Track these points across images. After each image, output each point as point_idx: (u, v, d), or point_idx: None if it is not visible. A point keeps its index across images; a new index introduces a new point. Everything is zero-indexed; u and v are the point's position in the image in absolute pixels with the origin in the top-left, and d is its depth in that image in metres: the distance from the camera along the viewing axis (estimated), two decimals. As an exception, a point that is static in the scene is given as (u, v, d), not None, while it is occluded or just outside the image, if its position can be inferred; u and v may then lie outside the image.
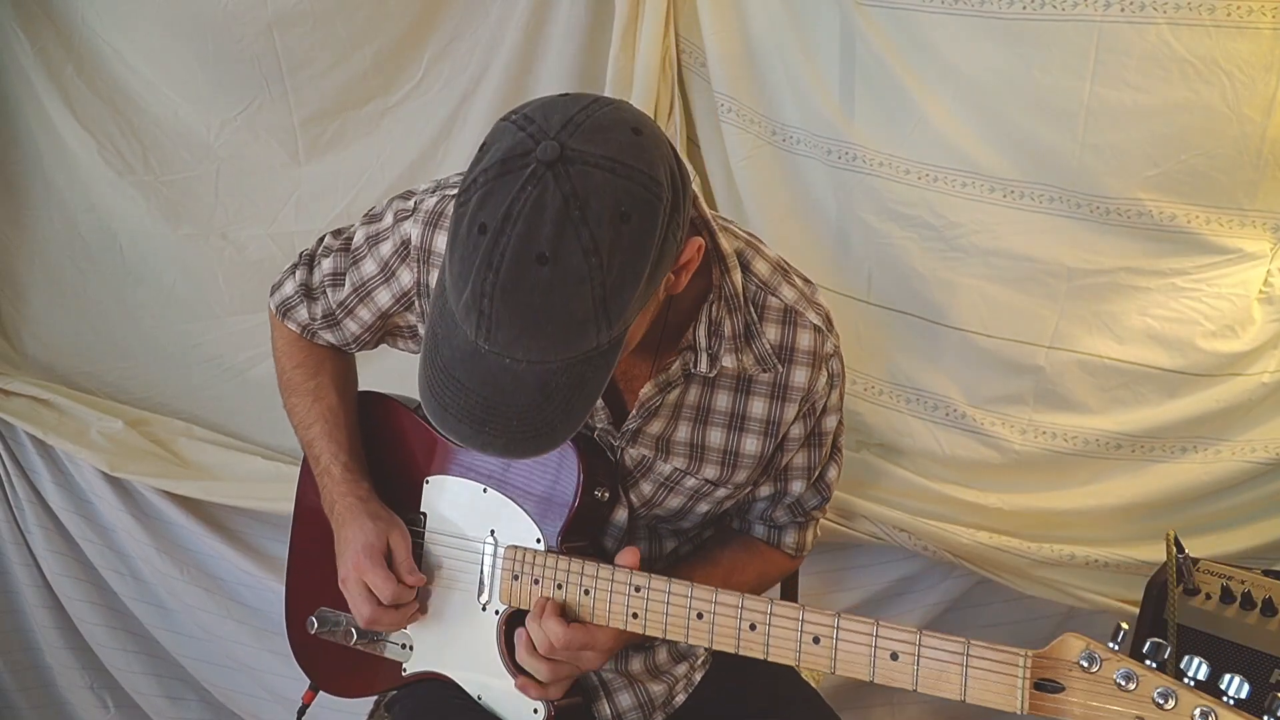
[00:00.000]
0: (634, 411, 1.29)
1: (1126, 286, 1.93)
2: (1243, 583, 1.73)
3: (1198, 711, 0.98)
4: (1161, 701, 1.00)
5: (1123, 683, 1.02)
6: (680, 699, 1.48)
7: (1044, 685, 1.05)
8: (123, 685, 2.42)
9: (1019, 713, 1.05)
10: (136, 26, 2.10)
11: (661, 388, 1.28)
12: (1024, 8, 1.79)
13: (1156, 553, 1.80)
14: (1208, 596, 1.72)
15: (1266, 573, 1.77)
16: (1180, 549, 1.74)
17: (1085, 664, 1.03)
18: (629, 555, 1.25)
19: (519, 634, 1.29)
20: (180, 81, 2.14)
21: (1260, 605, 1.69)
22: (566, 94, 1.07)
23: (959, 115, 1.90)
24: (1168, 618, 1.71)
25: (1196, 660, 1.00)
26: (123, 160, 2.18)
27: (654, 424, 1.31)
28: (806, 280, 1.36)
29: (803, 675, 1.58)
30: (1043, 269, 1.94)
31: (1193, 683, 1.00)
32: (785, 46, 1.98)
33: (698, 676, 1.50)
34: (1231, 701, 0.98)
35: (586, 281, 0.97)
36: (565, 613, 1.27)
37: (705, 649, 1.51)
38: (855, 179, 1.98)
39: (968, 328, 1.99)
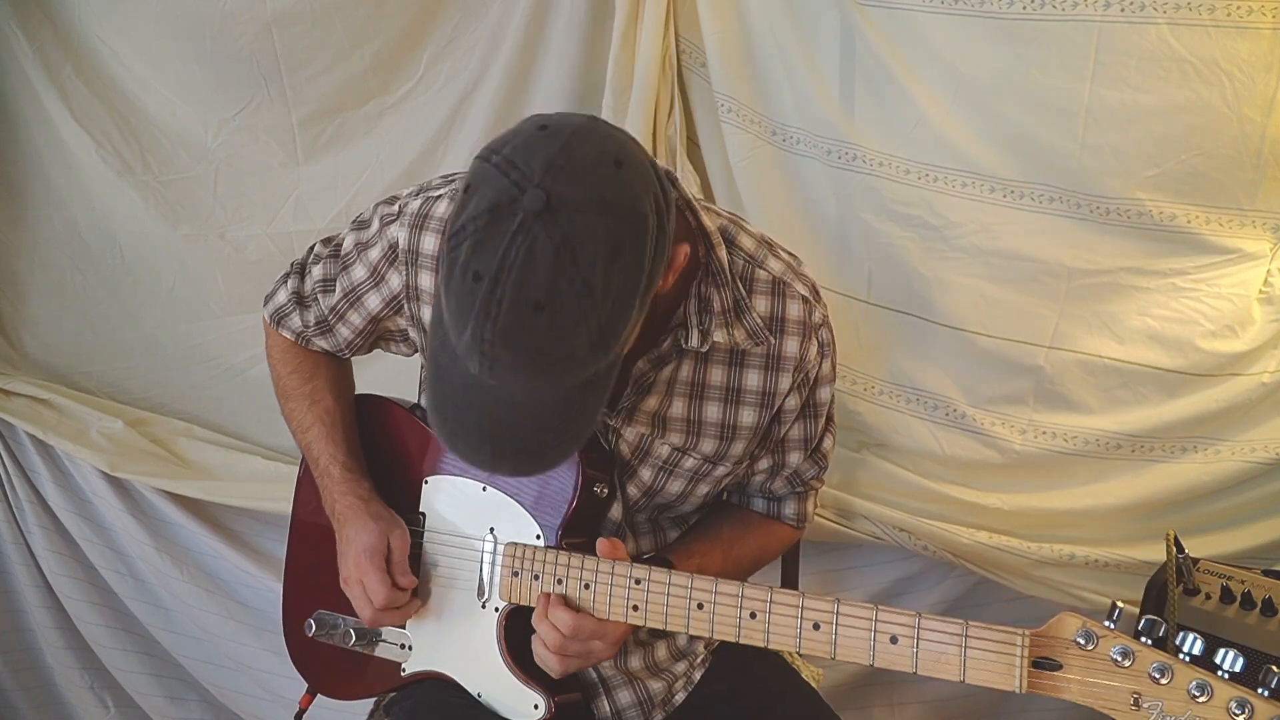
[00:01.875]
0: (628, 389, 1.31)
1: (1126, 286, 1.92)
2: (1243, 583, 1.72)
3: (1194, 685, 1.00)
4: (1158, 676, 1.02)
5: (1119, 659, 1.03)
6: (680, 697, 1.48)
7: (1042, 664, 1.07)
8: (123, 685, 2.42)
9: (1017, 691, 1.07)
10: (134, 27, 2.10)
11: (654, 363, 1.30)
12: (1024, 8, 1.79)
13: (1156, 553, 1.79)
14: (1208, 596, 1.72)
15: (1266, 573, 1.76)
16: (1180, 549, 1.74)
17: (1082, 641, 1.05)
18: (605, 545, 1.28)
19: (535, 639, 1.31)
20: (178, 81, 2.13)
21: (1260, 605, 1.68)
22: (544, 126, 1.07)
23: (959, 115, 1.90)
24: (1167, 618, 1.71)
25: (1192, 636, 1.02)
26: (121, 160, 2.18)
27: (649, 400, 1.33)
28: (792, 254, 1.39)
29: (802, 675, 1.58)
30: (1043, 269, 1.94)
31: (1188, 658, 1.03)
32: (785, 46, 1.98)
33: (697, 675, 1.50)
34: (1226, 675, 1.00)
35: (582, 321, 1.01)
36: (567, 604, 1.28)
37: (705, 648, 1.51)
38: (855, 179, 1.98)
39: (968, 328, 1.99)
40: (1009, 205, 1.91)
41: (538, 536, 1.34)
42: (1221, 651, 1.01)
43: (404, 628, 1.43)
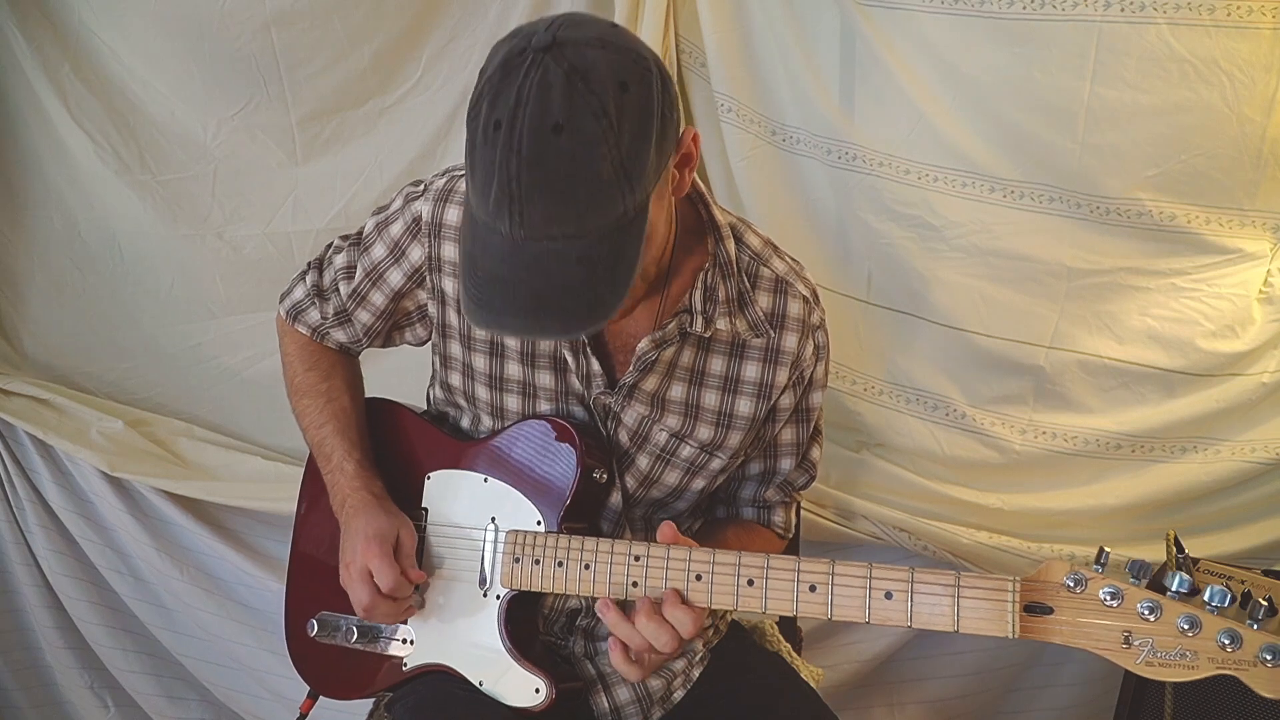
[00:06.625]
0: (631, 366, 1.34)
1: (1126, 286, 1.93)
2: (1243, 583, 1.73)
3: (1183, 620, 1.02)
4: (1147, 614, 1.04)
5: (1108, 600, 1.06)
6: (679, 695, 1.48)
7: (1033, 609, 1.08)
8: (123, 685, 2.42)
9: (1011, 636, 1.08)
10: (133, 26, 2.09)
11: (658, 343, 1.33)
12: (1024, 8, 1.79)
13: (1156, 553, 1.80)
14: (1207, 597, 1.72)
15: (1266, 573, 1.77)
16: (1180, 549, 1.74)
17: (1071, 584, 1.07)
18: (666, 529, 1.26)
19: (613, 642, 1.26)
20: (177, 81, 2.13)
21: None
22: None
23: (959, 115, 1.90)
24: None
25: (1179, 575, 1.03)
26: (119, 160, 2.18)
27: (649, 380, 1.36)
28: (795, 259, 1.43)
29: (801, 674, 1.59)
30: (1043, 269, 1.94)
31: (1176, 595, 1.04)
32: (785, 46, 1.98)
33: (696, 673, 1.50)
34: (1214, 610, 1.02)
35: (602, 143, 1.04)
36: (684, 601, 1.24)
37: (704, 646, 1.52)
38: (855, 179, 1.98)
39: (968, 328, 1.99)
40: (1009, 205, 1.91)
41: (539, 523, 1.35)
42: (1209, 588, 1.02)
43: (405, 623, 1.43)
